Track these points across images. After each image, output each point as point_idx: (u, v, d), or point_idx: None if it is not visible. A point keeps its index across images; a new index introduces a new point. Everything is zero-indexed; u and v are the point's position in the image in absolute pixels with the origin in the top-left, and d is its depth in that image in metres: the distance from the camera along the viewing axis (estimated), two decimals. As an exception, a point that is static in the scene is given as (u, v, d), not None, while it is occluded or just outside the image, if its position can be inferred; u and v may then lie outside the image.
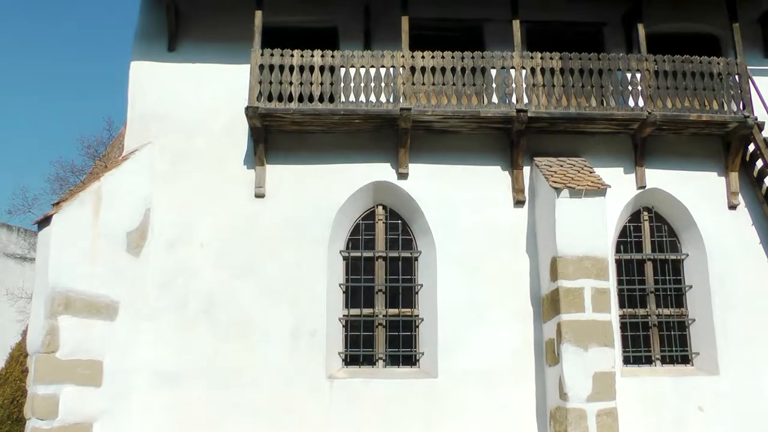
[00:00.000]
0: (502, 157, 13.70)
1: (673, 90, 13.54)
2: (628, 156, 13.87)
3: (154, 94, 13.98)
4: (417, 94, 13.22)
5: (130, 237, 13.03)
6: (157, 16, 14.35)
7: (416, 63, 13.26)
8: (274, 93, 13.00)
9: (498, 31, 14.22)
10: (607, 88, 13.48)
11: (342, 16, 14.34)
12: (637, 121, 13.33)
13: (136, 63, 14.18)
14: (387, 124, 13.28)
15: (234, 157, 13.68)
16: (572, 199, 12.41)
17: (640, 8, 14.08)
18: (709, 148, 14.00)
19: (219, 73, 14.04)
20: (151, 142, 13.71)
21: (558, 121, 13.36)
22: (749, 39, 14.59)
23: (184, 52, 14.24)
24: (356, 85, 13.14)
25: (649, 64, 13.58)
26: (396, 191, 13.52)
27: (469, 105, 13.21)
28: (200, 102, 13.95)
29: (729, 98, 13.62)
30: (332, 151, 13.55)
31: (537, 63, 13.45)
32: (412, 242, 13.69)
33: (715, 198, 13.85)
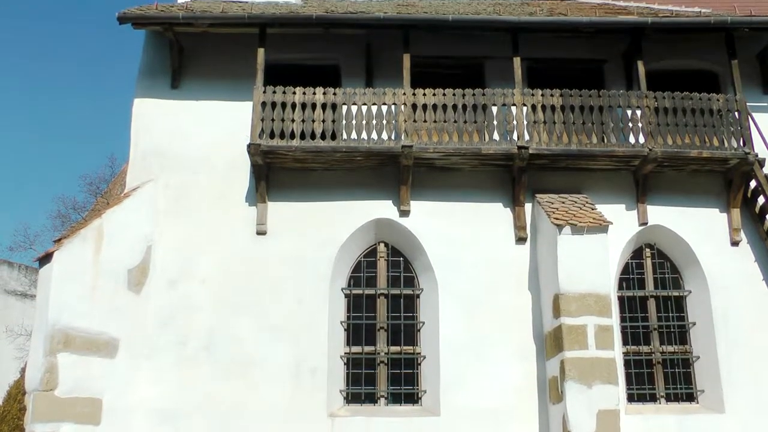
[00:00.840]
0: (504, 194, 13.72)
1: (673, 127, 13.59)
2: (630, 193, 13.88)
3: (157, 132, 14.07)
4: (418, 131, 13.29)
5: (131, 274, 13.00)
6: (161, 54, 14.50)
7: (417, 100, 13.35)
8: (276, 130, 13.08)
9: (498, 68, 14.35)
10: (607, 124, 13.54)
11: (344, 53, 14.49)
12: (638, 157, 13.37)
13: (139, 100, 14.31)
14: (389, 161, 13.34)
15: (236, 194, 13.71)
16: (574, 236, 12.41)
17: (639, 45, 14.21)
18: (710, 185, 14.01)
19: (222, 110, 14.16)
20: (153, 179, 13.76)
21: (559, 158, 13.40)
22: (748, 75, 14.69)
23: (187, 89, 14.36)
24: (358, 123, 13.22)
25: (650, 101, 13.66)
26: (398, 228, 13.52)
27: (470, 142, 13.26)
28: (203, 139, 14.03)
29: (729, 135, 13.67)
30: (334, 188, 13.59)
31: (538, 100, 13.54)
32: (413, 279, 13.66)
33: (717, 234, 13.82)
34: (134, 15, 13.75)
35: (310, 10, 14.11)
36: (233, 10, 14.04)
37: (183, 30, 13.99)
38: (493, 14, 14.12)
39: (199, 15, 13.71)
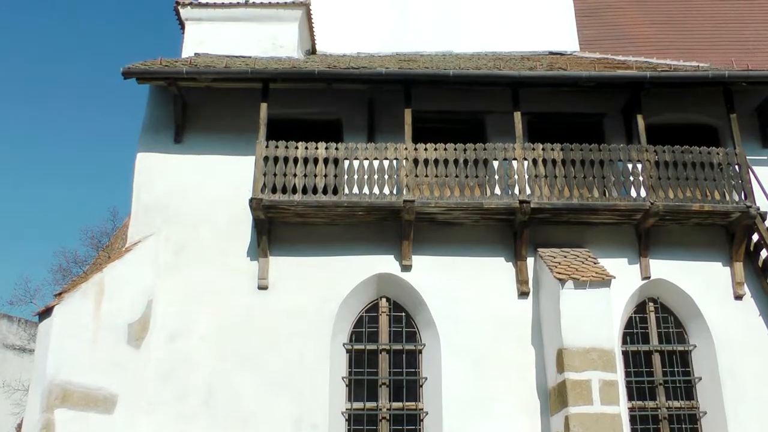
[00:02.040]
0: (506, 249, 13.70)
1: (674, 180, 13.63)
2: (632, 246, 13.85)
3: (160, 186, 14.12)
4: (420, 185, 13.33)
5: (131, 328, 12.92)
6: (164, 108, 14.63)
7: (419, 155, 13.42)
8: (278, 185, 13.12)
9: (499, 123, 14.45)
10: (608, 178, 13.58)
11: (346, 108, 14.60)
12: (640, 211, 13.37)
13: (142, 154, 14.38)
14: (390, 215, 13.35)
15: (237, 249, 13.69)
16: (577, 290, 12.37)
17: (639, 100, 14.33)
18: (712, 238, 13.99)
19: (224, 165, 14.22)
20: (154, 233, 13.76)
21: (561, 212, 13.41)
22: (747, 129, 14.77)
23: (189, 143, 14.45)
24: (360, 177, 13.27)
25: (650, 155, 13.72)
26: (400, 283, 13.47)
27: (472, 196, 13.29)
28: (205, 193, 14.07)
29: (730, 188, 13.70)
30: (336, 242, 13.58)
31: (539, 154, 13.60)
32: (416, 334, 13.56)
33: (720, 288, 13.74)
34: (139, 70, 13.90)
35: (312, 66, 14.28)
36: (236, 65, 14.20)
37: (186, 85, 14.12)
38: (494, 69, 14.27)
39: (202, 70, 13.86)
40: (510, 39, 17.18)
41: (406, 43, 17.13)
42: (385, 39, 17.17)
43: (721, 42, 18.17)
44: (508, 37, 17.21)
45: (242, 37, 15.77)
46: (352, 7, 17.67)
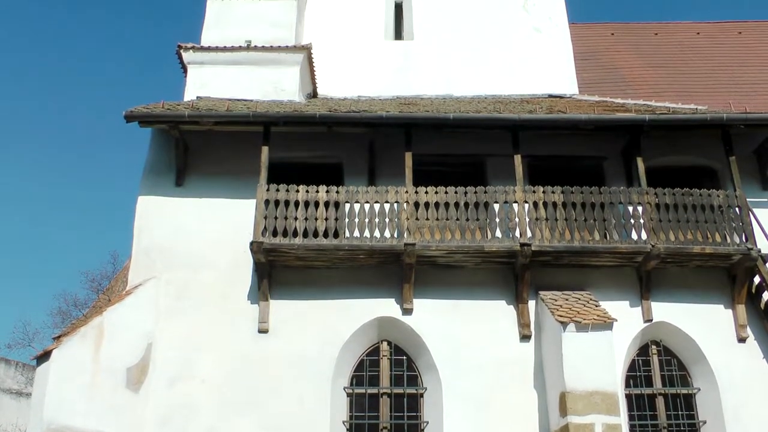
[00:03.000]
0: (507, 291, 13.68)
1: (675, 223, 13.64)
2: (634, 289, 13.83)
3: (161, 229, 14.13)
4: (421, 229, 13.33)
5: (130, 372, 12.84)
6: (166, 151, 14.70)
7: (420, 198, 13.45)
8: (279, 228, 13.13)
9: (500, 166, 14.50)
10: (609, 221, 13.59)
11: (346, 151, 14.68)
12: (641, 254, 13.36)
13: (143, 198, 14.42)
14: (391, 259, 13.36)
15: (238, 292, 13.66)
16: (579, 333, 12.32)
17: (638, 142, 14.40)
18: (714, 281, 13.96)
19: (225, 208, 14.25)
20: (155, 276, 13.75)
21: (562, 255, 13.41)
22: (746, 171, 14.83)
23: (191, 186, 14.50)
24: (361, 221, 13.29)
25: (650, 197, 13.75)
26: (401, 327, 13.42)
27: (472, 240, 13.30)
28: (206, 236, 14.07)
29: (731, 230, 13.70)
30: (336, 286, 13.56)
31: (539, 197, 13.63)
32: (417, 378, 13.45)
33: (723, 331, 13.68)
34: (141, 114, 13.98)
35: (313, 109, 14.39)
36: (238, 108, 14.30)
37: (188, 128, 14.19)
38: (494, 112, 14.36)
39: (204, 113, 13.95)
40: (509, 82, 17.32)
41: (407, 86, 17.28)
42: (386, 82, 17.32)
43: (719, 85, 18.38)
44: (507, 80, 17.34)
45: (244, 80, 15.89)
46: (352, 50, 17.87)
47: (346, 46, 17.91)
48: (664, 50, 20.38)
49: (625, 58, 19.89)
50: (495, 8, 18.52)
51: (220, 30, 16.92)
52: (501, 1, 18.64)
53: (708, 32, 21.41)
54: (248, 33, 16.78)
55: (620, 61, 19.70)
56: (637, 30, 21.67)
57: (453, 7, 18.50)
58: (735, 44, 20.74)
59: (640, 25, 22.21)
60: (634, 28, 21.89)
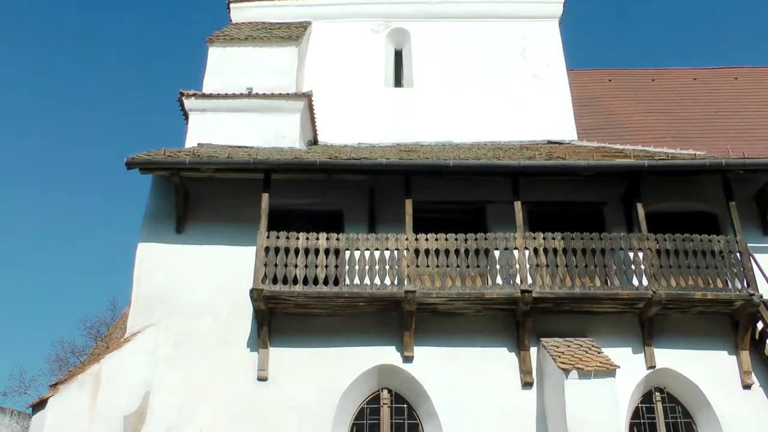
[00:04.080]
0: (509, 339, 13.60)
1: (676, 268, 13.61)
2: (636, 335, 13.75)
3: (160, 276, 14.12)
4: (421, 276, 13.32)
5: (127, 421, 12.72)
6: (166, 198, 14.75)
7: (420, 245, 13.45)
8: (279, 275, 13.11)
9: (500, 212, 14.53)
10: (610, 267, 13.56)
11: (347, 199, 14.72)
12: (642, 300, 13.31)
13: (143, 245, 14.43)
14: (392, 306, 13.31)
15: (237, 340, 13.60)
16: (581, 380, 12.21)
17: (638, 188, 14.45)
18: (717, 327, 13.88)
19: (225, 255, 14.25)
20: (154, 323, 13.71)
21: (563, 302, 13.36)
22: (746, 217, 14.84)
23: (191, 233, 14.52)
24: (361, 268, 13.28)
25: (651, 243, 13.74)
26: (401, 375, 13.31)
27: (473, 286, 13.27)
28: (205, 283, 14.06)
29: (732, 276, 13.66)
30: (337, 333, 13.49)
31: (540, 243, 13.63)
32: (418, 427, 13.32)
33: (727, 377, 13.57)
34: (142, 160, 14.04)
35: (314, 156, 14.46)
36: (239, 155, 14.36)
37: (189, 175, 14.27)
38: (493, 159, 14.45)
39: (205, 160, 14.02)
40: (509, 128, 17.42)
41: (407, 133, 17.39)
42: (386, 129, 17.45)
43: (717, 130, 18.48)
44: (507, 127, 17.45)
45: (245, 127, 15.98)
46: (353, 97, 18.02)
47: (346, 93, 18.07)
48: (661, 96, 20.54)
49: (623, 103, 20.04)
50: (494, 55, 18.73)
51: (222, 77, 17.08)
52: (499, 48, 18.85)
53: (705, 78, 21.60)
54: (249, 80, 16.93)
55: (618, 107, 19.85)
56: (635, 76, 21.87)
57: (452, 54, 18.72)
58: (732, 90, 20.91)
59: (637, 71, 22.41)
60: (631, 74, 22.08)
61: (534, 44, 18.95)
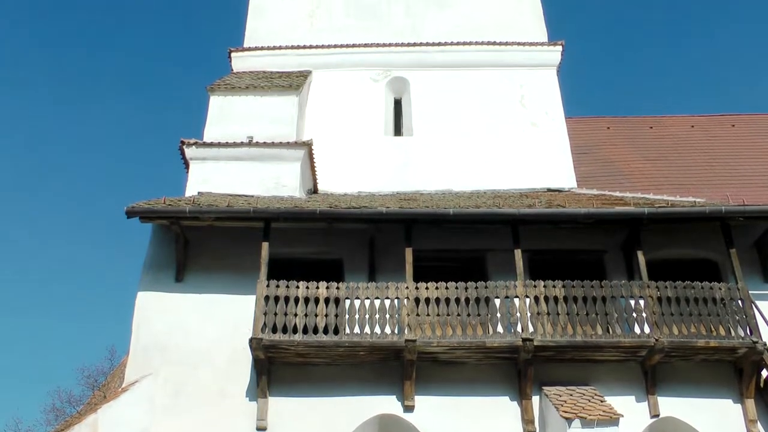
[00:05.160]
0: (510, 387, 13.49)
1: (678, 316, 13.56)
2: (639, 384, 13.64)
3: (160, 325, 14.07)
4: (422, 325, 13.26)
5: (124, 472, 12.52)
6: (166, 246, 14.76)
7: (421, 294, 13.42)
8: (279, 324, 13.06)
9: (500, 260, 14.52)
10: (611, 315, 13.51)
11: (347, 247, 14.74)
12: (645, 348, 13.23)
13: (142, 293, 14.42)
14: (392, 355, 13.23)
15: (236, 389, 13.50)
16: (584, 429, 12.11)
17: (638, 236, 14.46)
18: (720, 374, 13.78)
19: (224, 304, 14.23)
20: (152, 373, 13.62)
21: (565, 350, 13.28)
22: (747, 264, 14.80)
23: (191, 282, 14.50)
24: (361, 317, 13.24)
25: (652, 291, 13.70)
26: (402, 424, 13.19)
27: (474, 335, 13.21)
28: (205, 332, 14.01)
29: (735, 324, 13.59)
30: (336, 383, 13.39)
31: (540, 291, 13.59)
32: (419, 478, 13.12)
33: (733, 426, 13.42)
34: (142, 209, 14.09)
35: (314, 205, 14.49)
36: (239, 204, 14.40)
37: (189, 224, 14.29)
38: (493, 207, 14.48)
39: (205, 209, 14.06)
40: (508, 176, 17.52)
41: (407, 181, 17.48)
42: (386, 178, 17.53)
43: (715, 177, 18.57)
44: (506, 174, 17.55)
45: (245, 176, 16.07)
46: (353, 146, 18.14)
47: (346, 141, 18.21)
48: (660, 143, 20.69)
49: (622, 151, 20.17)
50: (492, 103, 18.90)
51: (223, 125, 17.21)
52: (498, 97, 19.04)
53: (702, 125, 21.78)
54: (250, 129, 17.04)
55: (617, 155, 19.97)
56: (633, 123, 22.05)
57: (451, 102, 18.89)
58: (729, 137, 21.08)
59: (635, 118, 22.61)
60: (629, 121, 22.28)
61: (532, 93, 19.14)
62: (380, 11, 20.63)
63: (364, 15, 20.54)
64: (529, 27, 20.19)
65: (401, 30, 20.14)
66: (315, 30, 20.22)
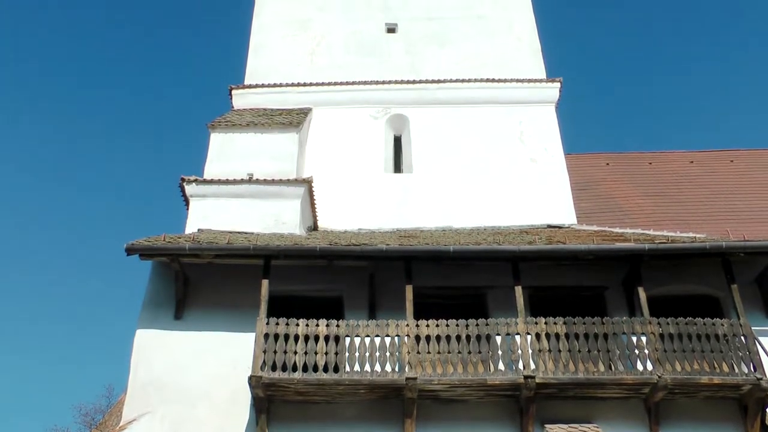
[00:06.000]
0: (512, 425, 13.34)
1: (680, 353, 13.46)
2: (642, 421, 13.49)
3: (158, 363, 13.97)
4: (422, 362, 13.17)
5: None
6: (166, 284, 14.70)
7: (421, 332, 13.35)
8: (279, 362, 12.97)
9: (501, 297, 14.46)
10: (613, 352, 13.42)
11: (347, 285, 14.66)
12: (648, 385, 13.12)
13: (141, 331, 14.34)
14: (393, 393, 13.10)
15: (235, 427, 13.37)
16: (588, 468, 11.93)
17: (638, 271, 14.40)
18: (725, 411, 13.62)
19: (224, 341, 14.13)
20: (150, 411, 13.51)
21: (567, 387, 13.17)
22: (749, 300, 14.71)
23: (190, 319, 14.43)
24: (361, 355, 13.16)
25: (654, 327, 13.62)
26: (403, 463, 12.99)
27: (475, 373, 13.10)
28: (204, 370, 13.90)
29: (738, 360, 13.50)
30: (336, 421, 13.25)
31: (542, 328, 13.52)
32: None
33: (740, 465, 13.26)
34: (142, 246, 14.07)
35: (314, 242, 14.47)
36: (239, 241, 14.39)
37: (189, 261, 14.26)
38: (493, 244, 14.47)
39: (205, 246, 14.05)
40: (508, 212, 17.55)
41: (407, 218, 17.50)
42: (386, 215, 17.56)
43: (715, 213, 18.60)
44: (506, 211, 17.58)
45: (245, 213, 16.10)
46: (353, 183, 18.20)
47: (346, 178, 18.27)
48: (659, 179, 20.76)
49: (622, 187, 20.24)
50: (492, 140, 19.01)
51: (223, 162, 17.28)
52: (497, 133, 19.14)
53: (701, 161, 21.88)
54: (250, 165, 17.12)
55: (616, 191, 20.03)
56: (632, 159, 22.15)
57: (451, 139, 18.99)
58: (728, 172, 21.15)
59: (634, 154, 22.72)
60: (628, 157, 22.38)
61: (531, 129, 19.26)
62: (380, 49, 20.86)
63: (364, 52, 20.76)
64: (528, 64, 20.39)
65: (401, 67, 20.33)
66: (315, 67, 20.41)
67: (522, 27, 21.31)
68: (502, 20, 21.47)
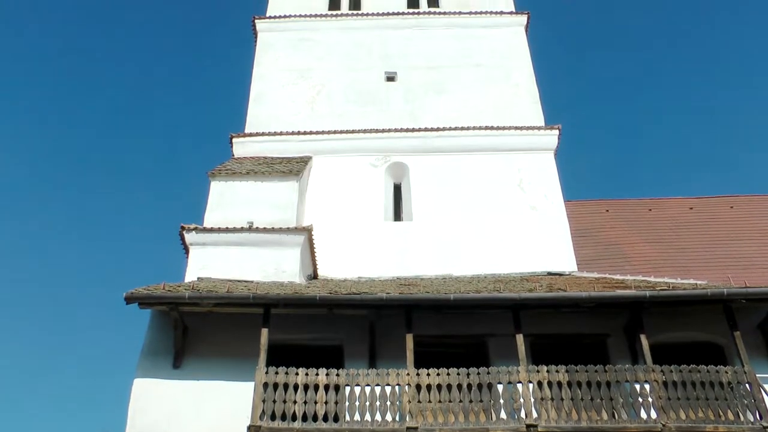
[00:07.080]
0: (515, 475, 13.10)
1: (684, 400, 13.31)
2: (648, 471, 13.26)
3: (156, 413, 13.82)
4: (423, 412, 13.03)
5: None
6: (165, 332, 14.60)
7: (422, 381, 13.23)
8: (278, 411, 12.84)
9: (502, 345, 14.34)
10: (616, 400, 13.28)
11: (347, 333, 14.57)
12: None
13: (139, 380, 14.21)
14: (394, 443, 12.90)
15: (234, 479, 13.10)
16: None
17: (640, 318, 14.32)
18: (731, 461, 13.41)
19: (223, 390, 13.98)
20: (146, 462, 13.26)
21: (570, 436, 12.99)
22: (752, 346, 14.59)
23: (188, 368, 14.30)
24: (361, 404, 13.02)
25: (657, 375, 13.50)
26: None
27: (477, 422, 12.95)
28: (202, 420, 13.72)
29: (743, 408, 13.35)
30: (337, 471, 13.01)
31: (543, 377, 13.40)
32: None
33: None
34: (141, 295, 14.01)
35: (314, 291, 14.43)
36: (239, 289, 14.34)
37: (188, 309, 14.19)
38: (494, 292, 14.41)
39: (205, 295, 14.01)
40: (508, 260, 17.55)
41: (407, 266, 17.49)
42: (386, 263, 17.56)
43: (715, 259, 18.57)
44: (506, 259, 17.59)
45: (245, 261, 16.08)
46: (353, 231, 18.24)
47: (346, 226, 18.31)
48: (659, 225, 20.79)
49: (622, 234, 20.25)
50: (491, 187, 19.09)
51: (223, 210, 17.32)
52: (497, 181, 19.23)
53: (701, 207, 21.91)
54: (250, 214, 17.14)
55: (617, 237, 20.04)
56: (631, 206, 22.20)
57: (450, 187, 19.08)
58: (728, 218, 21.17)
59: (633, 201, 22.77)
60: (628, 204, 22.43)
61: (531, 176, 19.36)
62: (379, 97, 21.09)
63: (363, 101, 21.00)
64: (526, 111, 20.61)
65: (400, 115, 20.53)
66: (315, 115, 20.62)
67: (520, 75, 21.61)
68: (501, 68, 21.78)
